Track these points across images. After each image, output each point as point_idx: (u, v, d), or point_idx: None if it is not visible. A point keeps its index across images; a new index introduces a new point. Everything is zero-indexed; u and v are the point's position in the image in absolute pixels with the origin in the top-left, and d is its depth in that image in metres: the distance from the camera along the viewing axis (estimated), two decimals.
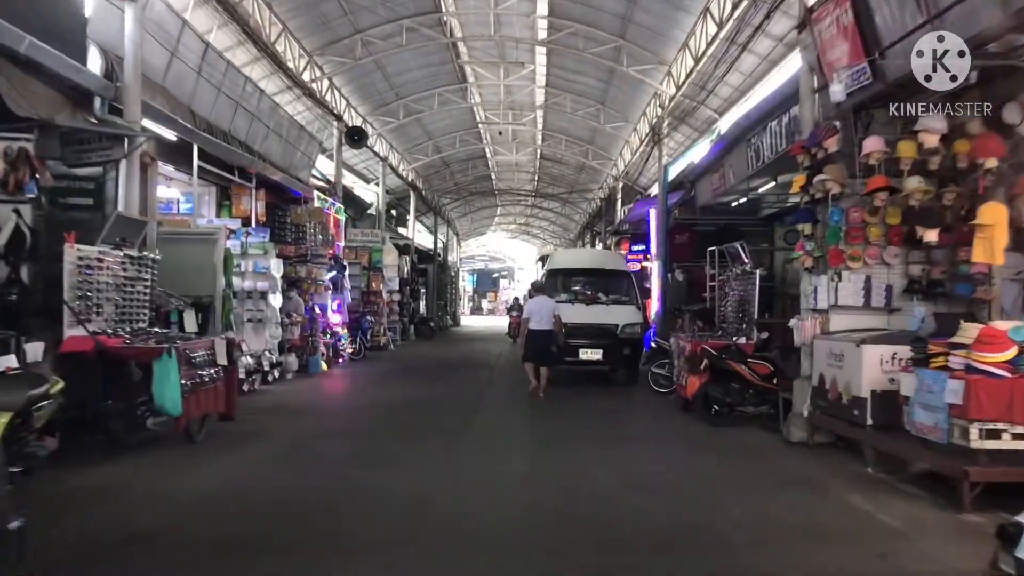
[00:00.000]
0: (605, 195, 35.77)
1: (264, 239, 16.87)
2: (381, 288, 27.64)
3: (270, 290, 16.73)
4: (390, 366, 21.28)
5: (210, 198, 17.00)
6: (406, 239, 35.11)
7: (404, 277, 33.16)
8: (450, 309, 49.89)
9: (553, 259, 18.54)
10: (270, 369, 16.02)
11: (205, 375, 9.27)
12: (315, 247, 19.21)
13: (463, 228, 57.83)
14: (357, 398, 15.28)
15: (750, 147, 15.94)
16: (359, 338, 23.03)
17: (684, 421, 12.27)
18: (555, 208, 50.82)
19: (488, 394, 15.80)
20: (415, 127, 30.18)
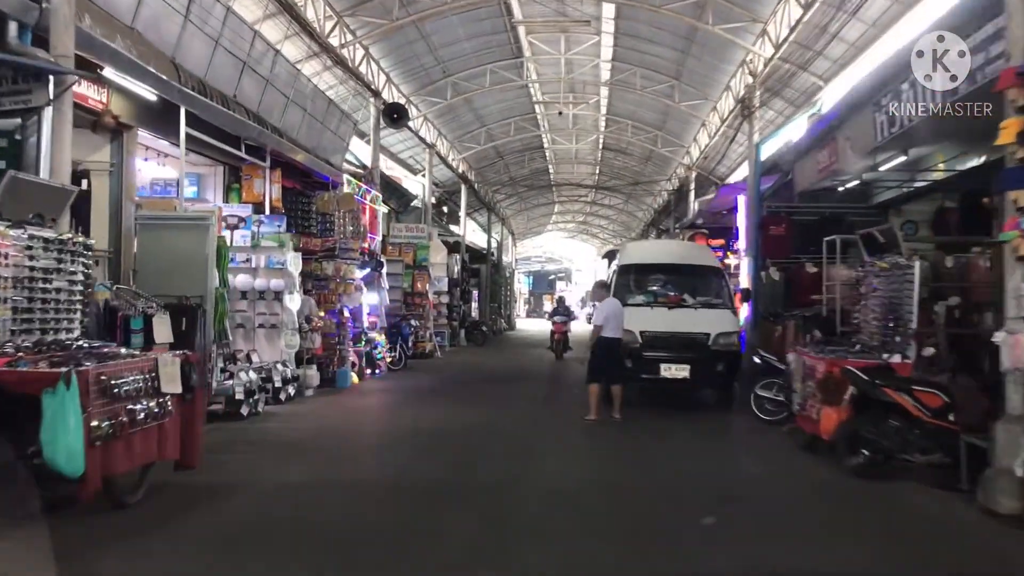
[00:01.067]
0: (675, 187, 32.41)
1: (279, 228, 14.09)
2: (427, 289, 24.78)
3: (286, 290, 13.93)
4: (432, 379, 18.34)
5: (216, 179, 14.27)
6: (456, 236, 32.24)
7: (453, 277, 30.29)
8: (504, 312, 46.96)
9: (625, 253, 15.29)
10: (282, 385, 13.19)
11: (141, 409, 6.38)
12: (344, 240, 16.38)
13: (518, 227, 54.86)
14: (382, 425, 12.30)
15: (881, 111, 12.60)
16: (399, 345, 20.16)
17: (811, 469, 9.04)
18: (616, 204, 47.55)
19: (545, 421, 12.69)
20: (465, 111, 27.28)
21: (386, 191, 22.66)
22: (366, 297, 18.55)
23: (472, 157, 32.46)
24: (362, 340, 18.01)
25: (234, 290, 13.98)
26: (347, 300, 16.57)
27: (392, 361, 19.72)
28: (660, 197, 38.81)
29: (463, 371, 20.40)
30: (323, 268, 15.91)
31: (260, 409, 11.94)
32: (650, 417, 12.55)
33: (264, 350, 14.10)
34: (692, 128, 27.18)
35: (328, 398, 14.33)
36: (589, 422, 11.62)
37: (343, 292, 16.36)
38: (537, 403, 14.52)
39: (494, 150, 33.01)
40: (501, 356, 26.22)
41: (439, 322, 27.12)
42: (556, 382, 18.29)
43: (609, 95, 27.01)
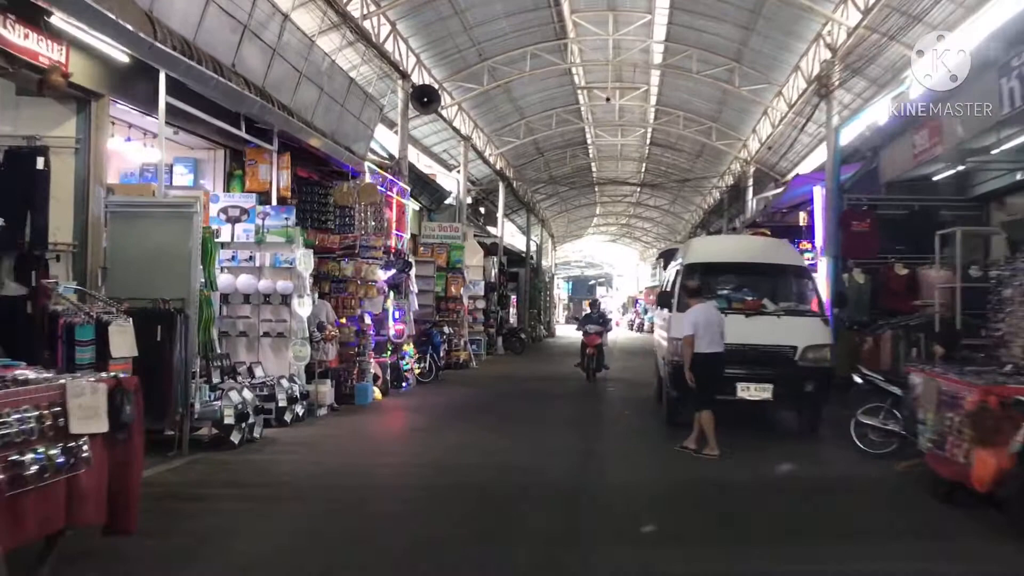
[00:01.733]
0: (729, 184, 30.10)
1: (288, 222, 12.17)
2: (461, 293, 22.78)
3: (295, 293, 12.01)
4: (465, 394, 16.30)
5: (215, 165, 12.38)
6: (494, 237, 30.22)
7: (490, 281, 28.29)
8: (544, 318, 44.85)
9: (690, 251, 12.98)
10: (288, 405, 11.23)
11: (33, 460, 4.40)
12: (366, 237, 14.42)
13: (558, 230, 52.75)
14: (398, 461, 10.00)
15: (1011, 75, 10.33)
16: (429, 355, 18.15)
17: (954, 531, 6.82)
18: (661, 205, 45.24)
19: (602, 457, 10.52)
20: (503, 101, 25.26)
21: (417, 186, 20.72)
22: (392, 302, 16.60)
23: (510, 153, 30.45)
24: (387, 350, 16.06)
25: (236, 293, 12.12)
26: (369, 305, 14.60)
27: (422, 373, 17.73)
28: (711, 196, 36.47)
29: (500, 384, 18.32)
30: (341, 269, 13.96)
31: (257, 434, 9.97)
32: (726, 445, 10.36)
33: (269, 362, 12.21)
34: (751, 118, 24.88)
35: (342, 419, 12.34)
36: (708, 458, 9.45)
37: (364, 296, 14.39)
38: (587, 430, 12.36)
39: (534, 146, 30.96)
40: (542, 367, 24.11)
41: (474, 329, 25.15)
42: (607, 400, 16.13)
43: (660, 82, 24.80)
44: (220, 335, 12.11)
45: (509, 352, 28.97)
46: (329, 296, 13.96)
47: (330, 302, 13.69)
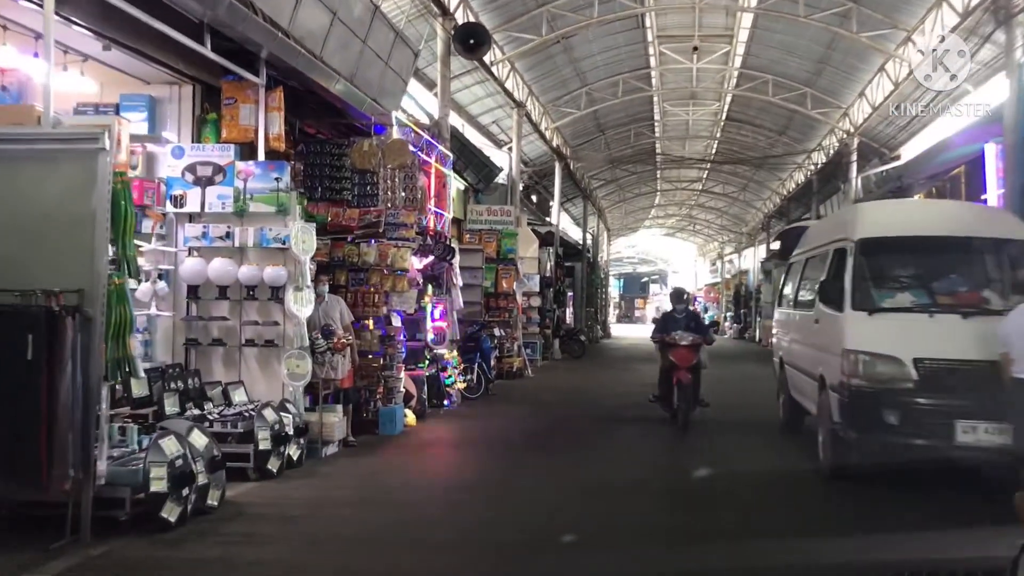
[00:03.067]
0: (822, 161, 26.01)
1: (279, 184, 8.67)
2: (514, 288, 19.13)
3: (290, 284, 8.52)
4: (521, 417, 12.64)
5: (181, 106, 8.87)
6: (549, 225, 26.53)
7: (546, 275, 24.61)
8: (599, 317, 41.06)
9: (863, 220, 8.38)
10: (273, 447, 7.68)
11: None
12: (393, 212, 10.84)
13: (613, 223, 48.83)
14: (440, 547, 6.08)
15: None
16: (477, 365, 14.53)
17: None
18: (731, 192, 41.12)
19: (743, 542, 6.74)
20: (563, 63, 21.53)
21: (461, 158, 17.12)
22: (430, 298, 13.04)
23: (568, 130, 26.72)
24: (423, 361, 12.50)
25: (208, 285, 8.66)
26: (398, 302, 11.01)
27: (468, 387, 14.12)
28: (792, 180, 32.36)
29: (565, 401, 14.63)
30: (361, 253, 10.42)
31: (214, 501, 6.40)
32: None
33: (256, 382, 8.74)
34: (861, 77, 20.80)
35: (358, 463, 8.76)
36: None
37: (392, 289, 10.81)
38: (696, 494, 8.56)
39: (594, 121, 27.17)
40: (608, 375, 20.35)
41: (528, 330, 21.51)
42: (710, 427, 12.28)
43: (749, 37, 20.82)
44: (188, 344, 8.70)
45: (567, 356, 25.33)
46: (345, 290, 10.45)
47: (345, 298, 10.18)
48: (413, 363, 12.45)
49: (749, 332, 42.31)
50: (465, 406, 13.43)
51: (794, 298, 10.39)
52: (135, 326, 6.17)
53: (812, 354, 8.80)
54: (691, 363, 10.98)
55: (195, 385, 8.21)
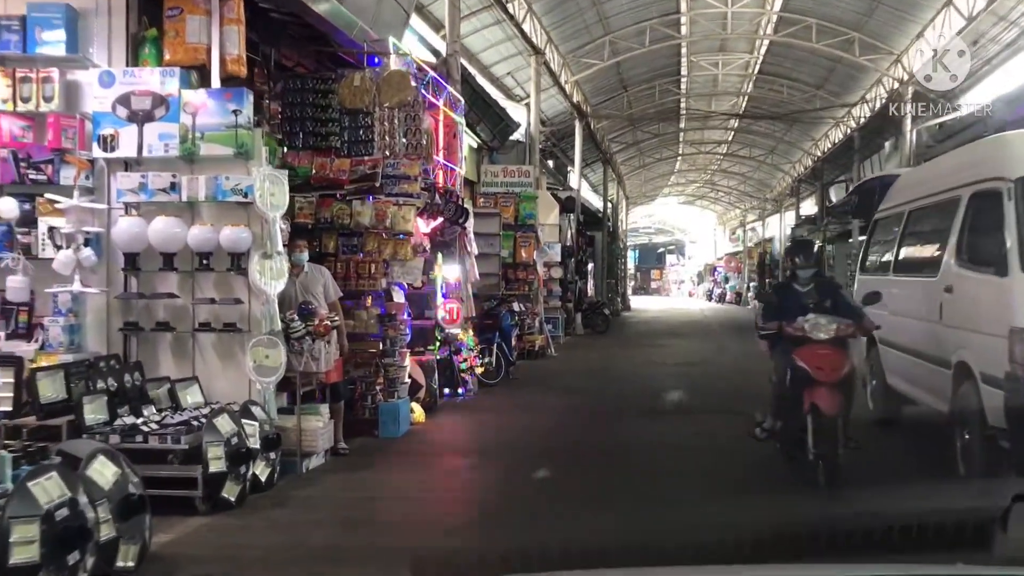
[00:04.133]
0: (865, 115, 23.73)
1: (240, 116, 6.63)
2: (534, 258, 17.09)
3: (255, 250, 6.52)
4: (550, 408, 10.58)
5: (110, 20, 6.78)
6: (569, 190, 24.40)
7: (567, 244, 22.55)
8: (620, 289, 38.99)
9: (1019, 156, 6.22)
10: (230, 468, 5.69)
11: None
12: (393, 162, 8.78)
13: (632, 190, 46.54)
14: None
15: None
16: (496, 346, 12.53)
17: None
18: (757, 156, 38.77)
19: None
20: (586, 5, 19.30)
21: (474, 109, 15.00)
22: (441, 268, 11.03)
23: (589, 86, 24.49)
24: (434, 343, 10.52)
25: (150, 252, 6.69)
26: (400, 272, 8.98)
27: (486, 372, 12.12)
28: (828, 139, 30.05)
29: (599, 389, 12.58)
30: (353, 213, 8.40)
31: (127, 563, 4.42)
32: None
33: (214, 378, 6.77)
34: (921, 16, 18.50)
35: (347, 480, 6.79)
36: None
37: (393, 257, 8.78)
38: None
39: (617, 74, 24.90)
40: (640, 354, 18.30)
41: (550, 304, 19.50)
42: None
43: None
44: (126, 329, 6.75)
45: (589, 331, 23.30)
46: (334, 259, 8.47)
47: (334, 269, 8.21)
48: (421, 346, 10.49)
49: None
50: (483, 395, 11.45)
51: (894, 261, 8.31)
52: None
53: (938, 332, 6.74)
54: (839, 374, 6.18)
55: (133, 383, 6.26)
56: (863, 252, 9.80)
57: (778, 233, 43.47)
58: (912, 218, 8.03)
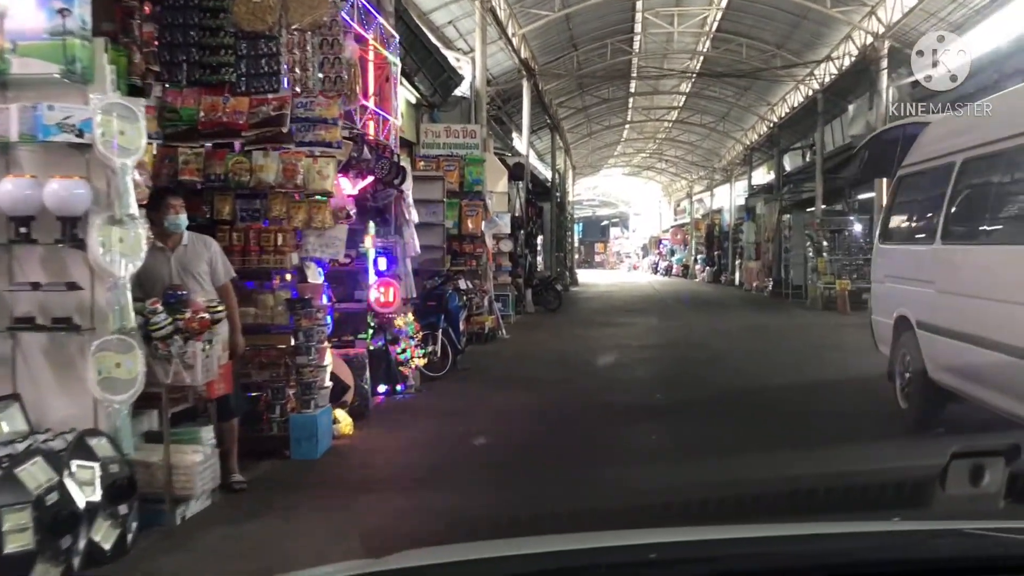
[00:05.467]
0: (838, 70, 22.23)
1: (68, 18, 4.49)
2: (482, 230, 15.16)
3: (96, 213, 4.40)
4: (505, 408, 8.68)
5: None
6: (517, 155, 22.49)
7: (516, 215, 20.70)
8: (567, 263, 37.31)
9: None
10: (41, 546, 3.69)
11: None
12: (307, 99, 6.76)
13: (578, 160, 44.77)
14: None
15: None
16: (441, 331, 10.59)
17: None
18: (708, 123, 37.26)
19: None
20: None
21: (411, 55, 12.93)
22: (373, 240, 9.06)
23: (537, 42, 22.52)
24: (366, 331, 8.61)
25: None
26: (317, 244, 6.94)
27: (429, 363, 10.19)
28: (787, 103, 28.61)
29: (561, 377, 10.78)
30: (255, 168, 6.40)
31: None
32: None
33: (46, 394, 4.71)
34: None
35: (235, 535, 4.82)
36: None
37: (307, 225, 6.76)
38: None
39: (568, 29, 22.94)
40: (599, 333, 16.57)
41: (499, 280, 17.65)
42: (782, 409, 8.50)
43: None
44: None
45: (541, 308, 21.57)
46: (229, 229, 6.48)
47: (228, 241, 6.23)
48: (351, 335, 8.57)
49: (726, 275, 39.12)
50: (427, 392, 9.54)
51: (942, 225, 6.60)
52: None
53: (1017, 315, 5.07)
54: None
55: None
56: (884, 217, 8.11)
57: (727, 204, 42.27)
58: (970, 170, 6.34)
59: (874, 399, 7.93)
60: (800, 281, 26.18)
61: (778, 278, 28.37)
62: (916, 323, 6.94)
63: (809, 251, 25.61)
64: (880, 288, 7.99)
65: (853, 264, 22.90)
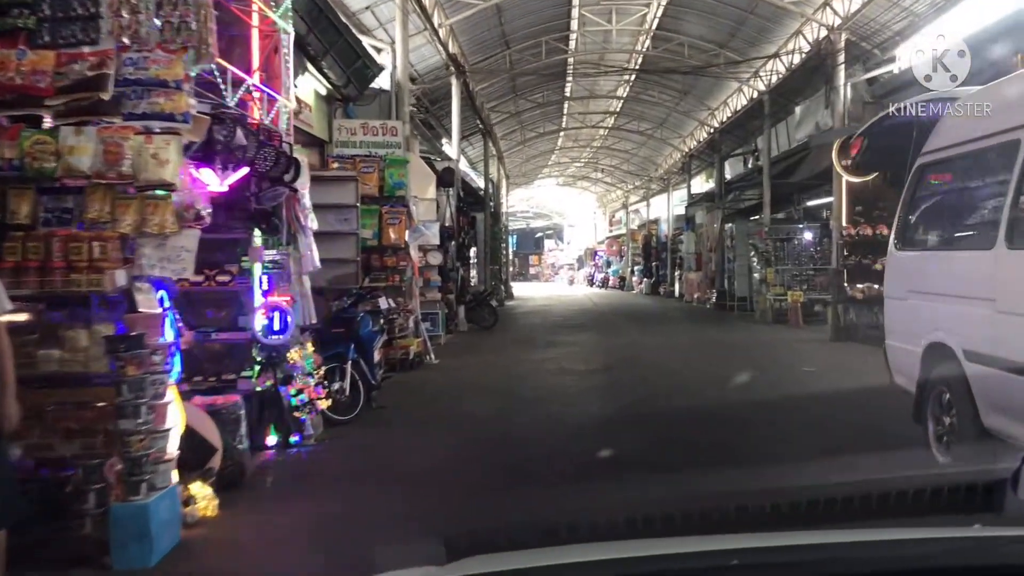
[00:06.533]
0: (787, 68, 20.93)
1: None
2: (406, 240, 13.22)
3: None
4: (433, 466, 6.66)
5: None
6: (447, 159, 20.62)
7: (447, 225, 18.81)
8: (503, 276, 35.52)
9: None
10: None
11: None
12: (137, 59, 4.78)
13: (512, 169, 43.09)
14: None
15: None
16: (351, 364, 8.59)
17: None
18: (646, 130, 35.93)
19: None
20: None
21: (318, 34, 10.94)
22: (258, 254, 7.08)
23: (466, 37, 20.71)
24: (252, 368, 6.66)
25: None
26: (154, 258, 4.93)
27: (335, 404, 8.19)
28: (729, 107, 27.37)
29: (501, 415, 8.89)
30: (62, 150, 4.40)
31: None
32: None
33: None
34: None
35: None
36: None
37: (139, 230, 4.77)
38: None
39: (499, 24, 21.18)
40: (539, 354, 14.76)
41: (427, 297, 15.78)
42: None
43: None
44: None
45: (474, 326, 19.75)
46: (24, 237, 4.47)
47: (20, 251, 4.21)
48: (233, 372, 6.65)
49: (664, 287, 37.91)
50: (331, 443, 7.55)
51: (1006, 226, 4.94)
52: None
53: None
54: None
55: None
56: (902, 217, 6.46)
57: (665, 214, 41.13)
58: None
59: (890, 441, 6.27)
60: (745, 292, 24.95)
61: (722, 289, 27.11)
62: (963, 353, 5.29)
63: (754, 261, 24.41)
64: (900, 306, 6.34)
65: (804, 274, 21.70)
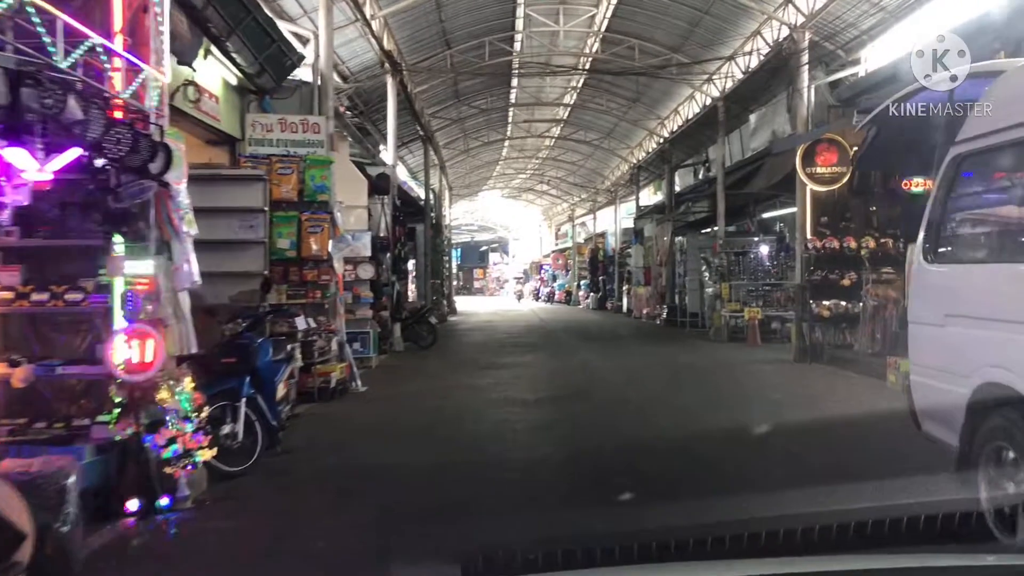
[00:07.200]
0: (744, 71, 19.81)
1: None
2: (329, 252, 11.56)
3: None
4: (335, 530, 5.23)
5: None
6: (381, 164, 19.00)
7: (382, 236, 17.22)
8: (445, 291, 33.92)
9: None
10: None
11: None
12: None
13: (455, 181, 41.59)
14: None
15: None
16: (245, 401, 6.96)
17: None
18: (593, 140, 34.74)
19: None
20: None
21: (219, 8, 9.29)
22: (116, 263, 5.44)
23: (403, 33, 19.17)
24: (110, 412, 4.96)
25: None
26: None
27: (224, 452, 6.55)
28: (679, 115, 26.28)
29: (426, 460, 7.32)
30: None
31: None
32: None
33: None
34: None
35: None
36: None
37: None
38: None
39: (439, 21, 19.64)
40: (483, 379, 13.25)
41: (358, 315, 14.20)
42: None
43: None
44: None
45: (412, 345, 18.19)
46: None
47: None
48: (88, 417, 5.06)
49: (612, 302, 36.78)
50: (213, 505, 5.91)
51: None
52: None
53: None
54: None
55: None
56: (932, 222, 5.10)
57: (612, 227, 40.03)
58: None
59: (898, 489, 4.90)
60: (696, 308, 23.81)
61: (673, 305, 25.96)
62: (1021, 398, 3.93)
63: (706, 275, 23.31)
64: (934, 335, 4.98)
65: (760, 290, 20.58)
